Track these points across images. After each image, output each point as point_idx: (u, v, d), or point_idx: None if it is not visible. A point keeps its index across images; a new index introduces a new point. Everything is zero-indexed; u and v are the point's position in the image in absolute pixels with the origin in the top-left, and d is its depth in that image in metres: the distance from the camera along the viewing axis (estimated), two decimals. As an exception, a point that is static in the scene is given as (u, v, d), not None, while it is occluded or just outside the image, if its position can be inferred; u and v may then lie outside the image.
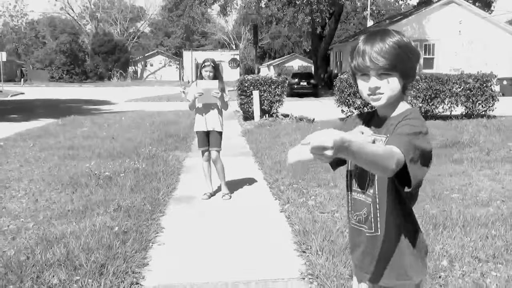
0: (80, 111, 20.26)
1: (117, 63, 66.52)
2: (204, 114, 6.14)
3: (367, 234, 1.87)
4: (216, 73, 6.04)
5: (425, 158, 1.68)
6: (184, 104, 24.93)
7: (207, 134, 6.21)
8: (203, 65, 6.02)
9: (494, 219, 5.13)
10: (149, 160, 8.63)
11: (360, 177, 1.90)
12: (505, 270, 3.91)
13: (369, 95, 1.78)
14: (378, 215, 1.83)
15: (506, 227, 4.89)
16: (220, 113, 6.21)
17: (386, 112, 1.84)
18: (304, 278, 3.90)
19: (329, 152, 1.35)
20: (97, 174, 7.31)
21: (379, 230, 1.84)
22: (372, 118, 1.91)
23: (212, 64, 6.01)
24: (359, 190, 1.90)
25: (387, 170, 1.54)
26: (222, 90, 6.04)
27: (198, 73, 6.11)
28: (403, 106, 1.83)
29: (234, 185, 6.99)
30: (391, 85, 1.75)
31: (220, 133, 6.25)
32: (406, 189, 1.66)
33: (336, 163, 1.97)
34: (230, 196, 6.39)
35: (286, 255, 4.42)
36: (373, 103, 1.80)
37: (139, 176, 7.27)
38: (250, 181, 7.38)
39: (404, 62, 1.72)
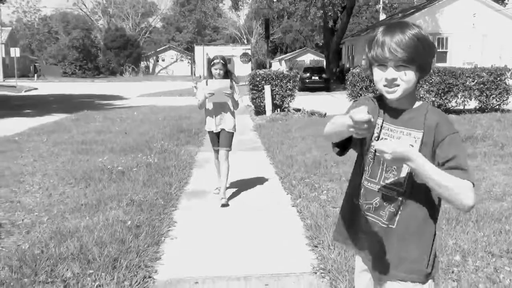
0: (92, 106, 20.39)
1: (129, 58, 66.79)
2: (214, 114, 5.90)
3: (380, 225, 1.86)
4: (227, 71, 5.80)
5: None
6: (195, 99, 25.03)
7: (218, 134, 5.98)
8: (213, 62, 5.72)
9: (508, 214, 5.09)
10: (162, 154, 8.66)
11: (373, 168, 1.90)
12: (519, 265, 3.88)
13: (384, 86, 1.77)
14: (400, 210, 1.82)
15: (520, 222, 4.84)
16: (232, 113, 5.95)
17: (400, 104, 1.83)
18: (316, 273, 3.91)
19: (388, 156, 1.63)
20: (110, 169, 7.36)
21: (395, 223, 1.83)
22: (385, 108, 1.89)
23: (221, 61, 5.71)
24: (371, 179, 1.90)
25: (462, 203, 1.66)
26: (232, 88, 5.78)
27: (208, 71, 5.90)
28: (416, 100, 1.85)
29: (245, 180, 7.00)
30: (408, 77, 1.74)
31: (231, 134, 5.95)
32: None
33: (344, 146, 1.97)
34: (227, 203, 5.90)
35: (298, 249, 4.42)
36: (388, 96, 1.79)
37: (151, 170, 7.31)
38: (262, 175, 7.38)
39: (422, 56, 1.73)
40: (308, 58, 65.86)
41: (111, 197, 5.86)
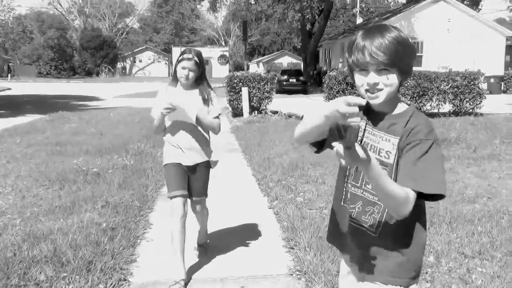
0: (68, 107, 20.12)
1: (105, 59, 66.08)
2: (179, 137, 3.79)
3: (364, 230, 1.82)
4: (200, 74, 3.78)
5: (442, 165, 1.69)
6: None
7: (186, 170, 3.84)
8: (181, 57, 3.69)
9: (480, 216, 5.18)
10: (138, 156, 8.60)
11: (356, 171, 1.87)
12: (490, 266, 3.95)
13: (367, 91, 1.73)
14: (383, 215, 1.78)
15: (492, 223, 4.94)
16: (206, 130, 3.91)
17: (383, 108, 1.79)
18: (292, 274, 3.92)
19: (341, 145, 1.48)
20: (85, 170, 7.27)
21: (378, 229, 1.79)
22: (368, 112, 1.84)
23: (195, 58, 3.68)
24: (354, 183, 1.86)
25: (398, 214, 1.64)
26: (206, 100, 3.80)
27: (173, 71, 3.81)
28: (400, 104, 1.81)
29: (222, 182, 6.99)
30: (390, 81, 1.71)
31: (209, 166, 3.97)
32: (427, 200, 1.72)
33: (321, 144, 1.89)
34: (205, 250, 4.44)
35: (275, 251, 4.43)
36: (371, 101, 1.74)
37: (127, 172, 7.24)
38: (239, 177, 7.38)
39: (403, 58, 1.70)
40: (286, 60, 66.08)
41: (86, 199, 5.78)
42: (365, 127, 1.83)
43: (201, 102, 3.78)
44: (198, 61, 3.70)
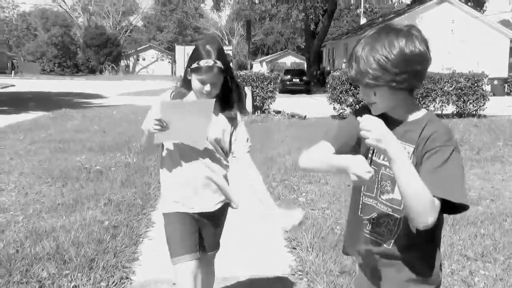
0: (71, 104, 20.14)
1: (109, 57, 66.10)
2: (187, 166, 2.61)
3: (378, 241, 1.77)
4: (228, 82, 2.58)
5: (463, 173, 1.61)
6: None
7: (198, 217, 2.70)
8: (196, 65, 2.42)
9: (483, 218, 5.17)
10: (141, 154, 8.59)
11: (373, 182, 1.77)
12: (493, 268, 3.95)
13: (367, 103, 1.72)
14: (398, 227, 1.72)
15: (495, 226, 4.93)
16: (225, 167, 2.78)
17: (396, 115, 1.72)
18: (294, 274, 3.92)
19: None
20: (88, 168, 7.28)
21: (391, 242, 1.73)
22: (381, 117, 1.67)
23: (218, 64, 2.42)
24: (368, 194, 1.80)
25: (423, 221, 1.52)
26: (232, 120, 2.63)
27: (184, 74, 2.57)
28: (417, 110, 1.72)
29: (225, 181, 7.00)
30: (378, 97, 1.66)
31: (227, 209, 2.96)
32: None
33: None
34: None
35: (277, 251, 4.43)
36: (373, 112, 1.70)
37: (130, 170, 7.24)
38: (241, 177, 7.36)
39: (391, 73, 1.58)
40: (289, 60, 66.02)
41: (89, 196, 5.79)
42: (373, 153, 1.79)
43: (223, 121, 2.57)
44: (222, 62, 2.41)
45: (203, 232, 2.75)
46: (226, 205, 2.85)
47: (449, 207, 1.55)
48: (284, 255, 4.33)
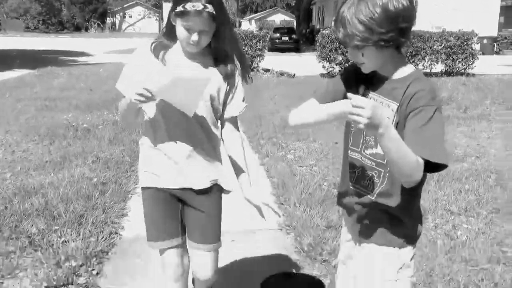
0: (56, 62, 19.82)
1: (94, 14, 64.77)
2: (170, 136, 2.19)
3: (362, 193, 1.81)
4: (219, 28, 2.08)
5: (444, 134, 1.61)
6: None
7: (180, 196, 2.28)
8: (182, 8, 1.97)
9: (468, 174, 5.26)
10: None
11: (355, 136, 1.81)
12: (476, 223, 4.04)
13: (357, 63, 1.72)
14: (381, 181, 1.74)
15: (479, 182, 5.02)
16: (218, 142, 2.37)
17: (383, 72, 1.72)
18: (282, 229, 3.98)
19: (362, 120, 1.42)
20: (75, 126, 7.23)
21: (375, 194, 1.76)
22: (372, 76, 1.75)
23: (208, 9, 1.97)
24: (354, 148, 1.83)
25: (411, 179, 1.58)
26: (229, 77, 2.24)
27: (167, 25, 2.16)
28: (405, 67, 1.71)
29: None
30: (366, 58, 1.65)
31: (220, 192, 2.43)
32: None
33: None
34: None
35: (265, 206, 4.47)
36: (363, 71, 1.73)
37: (117, 128, 7.21)
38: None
39: (377, 33, 1.56)
40: (279, 18, 65.16)
41: (76, 154, 5.78)
42: (364, 92, 1.78)
43: (219, 79, 2.18)
44: (214, 12, 1.97)
45: (186, 218, 2.30)
46: (217, 188, 2.32)
47: (431, 166, 1.57)
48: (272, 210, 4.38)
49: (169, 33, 2.12)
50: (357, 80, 1.79)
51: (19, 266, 3.23)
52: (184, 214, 2.30)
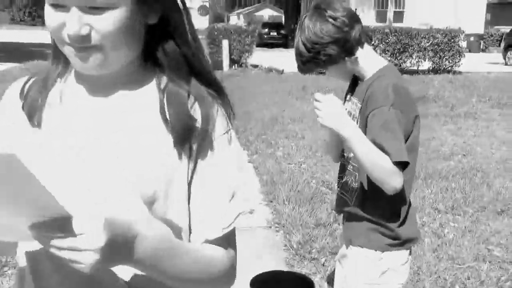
0: (44, 55, 19.57)
1: (81, 6, 64.20)
2: None
3: (345, 199, 1.83)
4: (174, 26, 0.90)
5: (398, 131, 1.59)
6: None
7: None
8: None
9: (454, 173, 5.32)
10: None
11: None
12: (462, 221, 4.10)
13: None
14: (356, 183, 1.77)
15: (466, 180, 5.08)
16: None
17: (360, 74, 1.78)
18: (271, 227, 4.00)
19: (319, 113, 1.62)
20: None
21: (354, 198, 1.78)
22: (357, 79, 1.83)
23: None
24: (343, 153, 1.85)
25: (389, 186, 1.59)
26: (200, 137, 0.90)
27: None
28: (376, 65, 1.74)
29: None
30: (329, 72, 1.80)
31: None
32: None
33: None
34: None
35: (254, 204, 4.50)
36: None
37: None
38: (219, 131, 7.38)
39: (312, 57, 1.72)
40: (267, 13, 65.00)
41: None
42: (346, 96, 1.87)
43: (166, 146, 0.90)
44: None
45: None
46: None
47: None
48: (261, 208, 4.40)
49: (57, 53, 1.01)
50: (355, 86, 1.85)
51: (8, 263, 3.21)
52: None
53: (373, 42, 13.52)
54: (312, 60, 1.72)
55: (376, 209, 1.74)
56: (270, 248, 3.66)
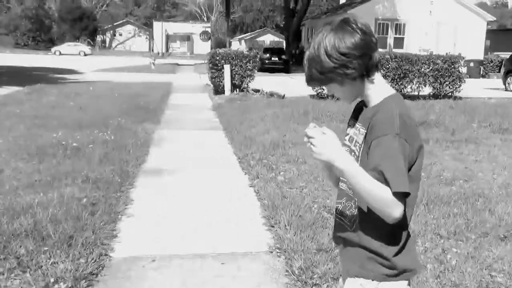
0: (46, 79, 19.77)
1: (84, 31, 64.85)
2: None
3: (345, 226, 1.80)
4: None
5: (400, 160, 1.57)
6: (153, 76, 24.35)
7: None
8: None
9: (456, 198, 5.30)
10: (118, 131, 8.53)
11: None
12: (465, 246, 4.06)
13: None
14: (355, 209, 1.75)
15: (468, 205, 5.06)
16: None
17: (366, 99, 1.77)
18: (272, 252, 3.97)
19: (314, 149, 1.62)
20: (65, 145, 7.20)
21: (354, 225, 1.75)
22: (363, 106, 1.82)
23: None
24: (341, 178, 1.81)
25: (389, 216, 1.57)
26: None
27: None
28: (382, 93, 1.72)
29: (203, 159, 7.00)
30: (330, 90, 1.79)
31: None
32: None
33: None
34: None
35: (255, 229, 4.48)
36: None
37: (108, 147, 7.19)
38: (220, 155, 7.39)
39: (323, 71, 1.68)
40: (268, 38, 65.74)
41: (66, 173, 5.74)
42: (349, 121, 1.87)
43: None
44: None
45: None
46: None
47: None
48: (262, 233, 4.38)
49: None
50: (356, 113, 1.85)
51: (7, 287, 3.19)
52: None
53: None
54: (334, 71, 1.66)
55: (373, 236, 1.71)
56: (272, 274, 3.63)
